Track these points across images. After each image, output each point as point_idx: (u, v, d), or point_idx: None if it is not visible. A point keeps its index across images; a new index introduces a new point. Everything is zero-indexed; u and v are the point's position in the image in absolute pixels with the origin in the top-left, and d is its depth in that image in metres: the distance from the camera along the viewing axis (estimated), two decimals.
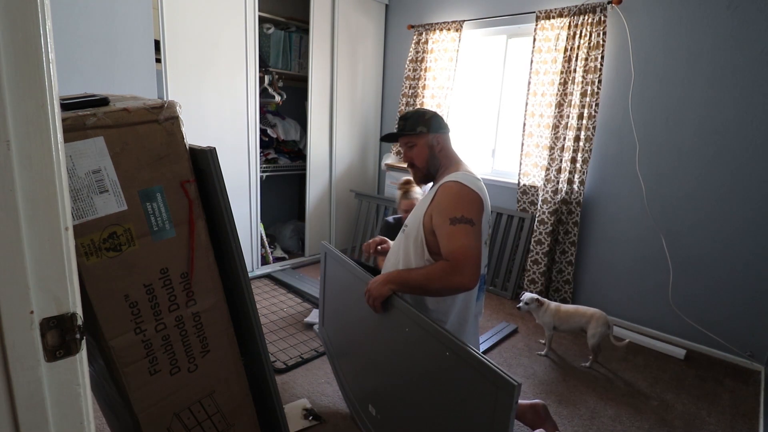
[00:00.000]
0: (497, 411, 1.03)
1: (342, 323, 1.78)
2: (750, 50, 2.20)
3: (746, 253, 2.31)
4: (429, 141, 1.52)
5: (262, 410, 1.33)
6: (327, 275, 1.87)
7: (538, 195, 2.97)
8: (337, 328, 1.82)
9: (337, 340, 1.83)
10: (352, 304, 1.66)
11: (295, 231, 3.88)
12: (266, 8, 3.17)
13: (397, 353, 1.40)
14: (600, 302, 2.78)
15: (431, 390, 1.26)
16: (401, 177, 3.35)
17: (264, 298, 2.92)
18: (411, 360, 1.33)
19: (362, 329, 1.61)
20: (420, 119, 1.53)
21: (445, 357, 1.18)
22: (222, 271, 1.17)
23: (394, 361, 1.42)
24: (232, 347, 1.24)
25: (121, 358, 1.02)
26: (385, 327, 1.45)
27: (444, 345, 1.19)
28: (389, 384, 1.46)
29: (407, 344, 1.34)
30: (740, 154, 2.28)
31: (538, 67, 2.87)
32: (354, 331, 1.68)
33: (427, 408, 1.28)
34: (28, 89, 0.48)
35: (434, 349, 1.22)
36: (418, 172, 1.57)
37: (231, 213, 1.11)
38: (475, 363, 1.09)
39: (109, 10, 2.27)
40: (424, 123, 1.52)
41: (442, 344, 1.19)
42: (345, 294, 1.72)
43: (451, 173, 1.45)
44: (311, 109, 3.42)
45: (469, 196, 1.35)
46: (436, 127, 1.51)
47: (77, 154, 0.91)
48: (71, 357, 0.55)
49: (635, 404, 2.00)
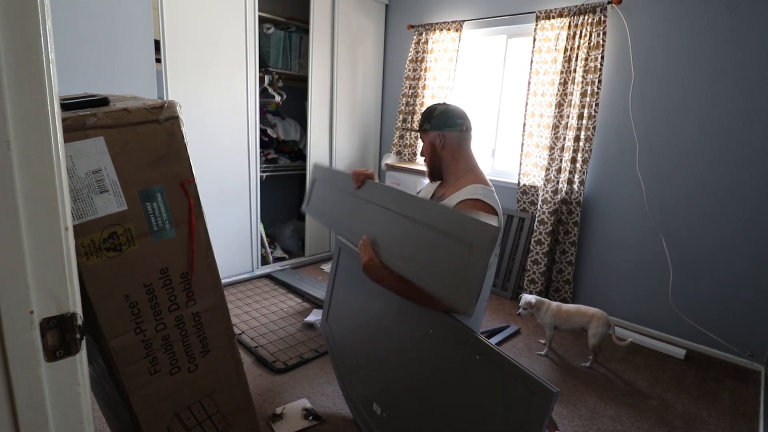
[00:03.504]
0: (530, 417, 1.02)
1: (351, 320, 1.77)
2: (750, 50, 2.20)
3: (746, 253, 2.31)
4: (431, 138, 1.52)
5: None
6: (338, 271, 1.87)
7: (538, 195, 2.97)
8: (344, 325, 1.81)
9: (342, 336, 1.82)
10: (366, 301, 1.65)
11: (295, 231, 3.88)
12: (266, 8, 3.17)
13: (417, 353, 1.38)
14: (600, 302, 2.78)
15: (453, 391, 1.25)
16: (401, 177, 3.35)
17: (264, 298, 2.92)
18: (432, 361, 1.32)
19: (376, 327, 1.59)
20: (428, 115, 1.53)
21: (474, 360, 1.18)
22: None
23: (411, 361, 1.41)
24: (232, 347, 1.24)
25: (121, 358, 1.02)
26: (405, 326, 1.44)
27: (474, 349, 1.18)
28: (402, 383, 1.45)
29: (430, 345, 1.33)
30: (740, 154, 2.28)
31: (538, 67, 2.87)
32: (365, 328, 1.67)
33: (446, 409, 1.27)
34: (28, 89, 0.48)
35: (462, 352, 1.22)
36: (427, 168, 1.59)
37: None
38: (509, 368, 1.09)
39: (109, 10, 2.27)
40: (430, 120, 1.52)
41: (471, 348, 1.19)
42: (359, 291, 1.71)
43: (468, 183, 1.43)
44: (311, 109, 3.42)
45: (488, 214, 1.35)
46: (440, 125, 1.50)
47: (77, 154, 0.91)
48: (71, 357, 0.55)
49: (635, 404, 2.00)
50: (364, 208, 1.47)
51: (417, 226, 1.21)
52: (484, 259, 1.01)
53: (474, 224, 1.05)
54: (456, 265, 1.06)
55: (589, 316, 2.25)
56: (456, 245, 1.08)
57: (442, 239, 1.12)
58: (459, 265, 1.05)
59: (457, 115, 1.52)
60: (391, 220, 1.31)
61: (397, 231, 1.28)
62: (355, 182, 1.50)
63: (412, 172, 3.26)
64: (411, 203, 1.26)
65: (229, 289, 3.02)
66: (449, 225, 1.11)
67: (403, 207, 1.28)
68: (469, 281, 1.02)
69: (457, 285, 1.05)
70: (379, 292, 1.55)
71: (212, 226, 1.24)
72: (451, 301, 1.05)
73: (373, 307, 1.61)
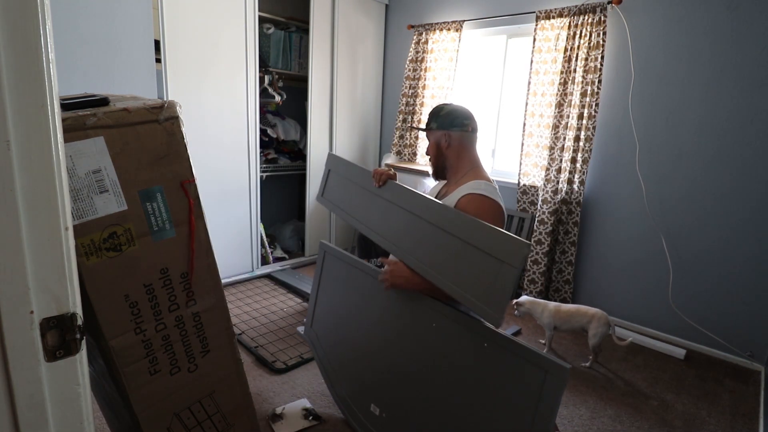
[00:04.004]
0: (545, 395, 1.07)
1: (340, 323, 1.76)
2: (750, 50, 2.20)
3: (746, 253, 2.31)
4: (437, 137, 1.54)
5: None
6: (324, 275, 1.85)
7: (538, 195, 2.97)
8: (332, 329, 1.80)
9: (330, 341, 1.81)
10: (359, 303, 1.65)
11: (295, 231, 3.88)
12: (266, 8, 3.17)
13: (420, 348, 1.39)
14: (600, 302, 2.78)
15: (461, 383, 1.26)
16: (401, 177, 3.35)
17: (264, 298, 2.92)
18: (437, 354, 1.33)
19: (369, 327, 1.59)
20: (435, 115, 1.55)
21: (483, 348, 1.20)
22: None
23: (412, 357, 1.41)
24: (231, 347, 1.24)
25: (121, 358, 1.02)
26: (405, 323, 1.44)
27: (482, 337, 1.21)
28: (402, 381, 1.45)
29: (435, 338, 1.34)
30: (740, 154, 2.28)
31: (538, 67, 2.87)
32: (356, 331, 1.66)
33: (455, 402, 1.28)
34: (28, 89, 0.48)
35: (469, 343, 1.24)
36: (431, 166, 1.61)
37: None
38: (520, 351, 1.13)
39: (109, 10, 2.27)
40: (436, 119, 1.54)
41: (480, 336, 1.21)
42: (349, 293, 1.71)
43: (470, 180, 1.45)
44: (311, 109, 3.42)
45: (491, 208, 1.38)
46: (446, 124, 1.52)
47: (77, 154, 0.91)
48: (71, 357, 0.55)
49: (635, 404, 2.00)
50: (384, 207, 1.50)
51: (447, 236, 1.25)
52: (514, 276, 1.05)
53: (507, 241, 1.09)
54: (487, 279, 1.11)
55: (589, 316, 2.25)
56: (488, 259, 1.12)
57: (473, 252, 1.16)
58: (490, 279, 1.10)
59: (464, 116, 1.54)
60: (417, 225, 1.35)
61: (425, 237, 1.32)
62: (376, 181, 1.53)
63: (412, 172, 3.26)
64: (442, 213, 1.30)
65: (229, 289, 3.02)
66: (482, 239, 1.15)
67: (432, 215, 1.31)
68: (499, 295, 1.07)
69: (487, 297, 1.10)
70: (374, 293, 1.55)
71: (212, 226, 1.25)
72: (481, 313, 1.10)
73: (366, 308, 1.61)
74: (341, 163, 1.81)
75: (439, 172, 1.59)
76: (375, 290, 1.56)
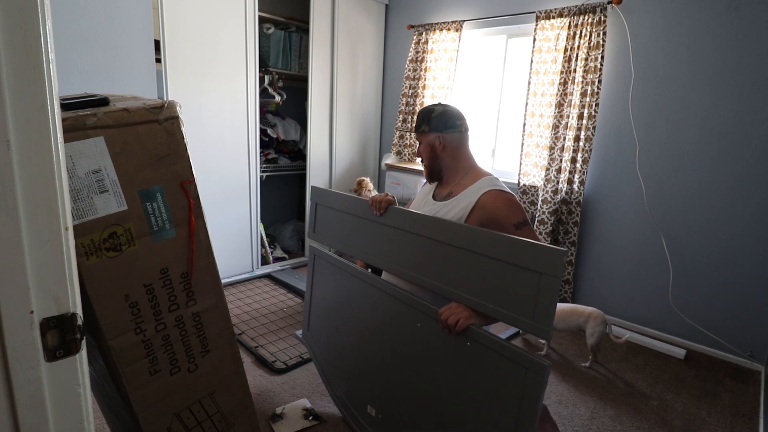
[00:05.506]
0: (526, 393, 1.07)
1: (333, 325, 1.76)
2: (750, 50, 2.20)
3: (747, 253, 2.31)
4: (431, 140, 1.51)
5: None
6: (316, 279, 1.84)
7: (538, 195, 2.97)
8: (327, 331, 1.80)
9: (326, 343, 1.81)
10: (350, 305, 1.65)
11: (295, 231, 3.88)
12: (266, 8, 3.17)
13: (407, 349, 1.39)
14: (600, 302, 2.78)
15: (447, 382, 1.27)
16: (401, 177, 3.35)
17: (264, 298, 2.92)
18: (424, 354, 1.34)
19: (362, 329, 1.60)
20: (426, 117, 1.52)
21: (465, 347, 1.20)
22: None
23: (402, 358, 1.42)
24: (232, 347, 1.24)
25: (121, 358, 1.02)
26: (393, 324, 1.44)
27: (464, 336, 1.21)
28: (394, 382, 1.46)
29: (419, 339, 1.34)
30: (740, 154, 2.28)
31: (538, 67, 2.87)
32: (351, 333, 1.67)
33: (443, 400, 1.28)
34: (28, 89, 0.48)
35: (452, 341, 1.24)
36: (425, 169, 1.59)
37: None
38: (500, 349, 1.13)
39: (109, 10, 2.27)
40: (428, 121, 1.51)
41: (462, 335, 1.21)
42: (341, 296, 1.70)
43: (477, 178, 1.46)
44: (311, 109, 3.42)
45: (515, 200, 1.40)
46: (440, 126, 1.50)
47: (77, 154, 0.91)
48: (71, 357, 0.55)
49: (635, 404, 2.00)
50: (391, 235, 1.45)
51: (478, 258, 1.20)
52: (555, 284, 1.04)
53: (543, 251, 1.07)
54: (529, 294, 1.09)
55: (585, 315, 2.25)
56: (526, 274, 1.10)
57: (510, 269, 1.13)
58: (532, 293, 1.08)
59: (456, 116, 1.52)
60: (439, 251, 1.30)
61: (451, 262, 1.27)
62: (377, 209, 1.50)
63: (412, 172, 3.27)
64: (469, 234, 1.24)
65: (229, 289, 3.02)
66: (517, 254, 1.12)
67: (457, 238, 1.26)
68: (545, 307, 1.06)
69: (532, 312, 1.08)
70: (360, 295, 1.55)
71: (212, 226, 1.25)
72: (531, 329, 1.09)
73: (357, 310, 1.61)
74: (327, 194, 1.74)
75: (434, 174, 1.56)
76: (361, 292, 1.56)
